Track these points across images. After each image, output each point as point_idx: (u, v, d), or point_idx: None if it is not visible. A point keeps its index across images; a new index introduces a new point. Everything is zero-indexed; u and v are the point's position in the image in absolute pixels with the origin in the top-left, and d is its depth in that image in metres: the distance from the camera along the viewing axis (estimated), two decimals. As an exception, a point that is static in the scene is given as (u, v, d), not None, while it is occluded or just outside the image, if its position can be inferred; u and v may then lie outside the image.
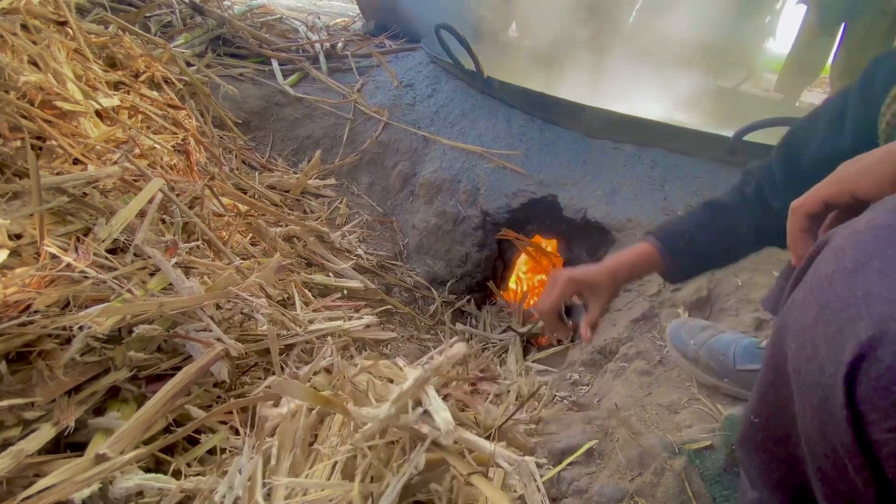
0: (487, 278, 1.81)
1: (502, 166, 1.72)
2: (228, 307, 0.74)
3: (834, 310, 0.28)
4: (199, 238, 0.91)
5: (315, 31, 2.54)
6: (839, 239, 0.31)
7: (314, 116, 1.93)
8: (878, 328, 0.25)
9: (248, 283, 0.76)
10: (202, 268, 0.85)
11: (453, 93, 1.96)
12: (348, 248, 1.52)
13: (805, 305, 0.31)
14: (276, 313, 0.79)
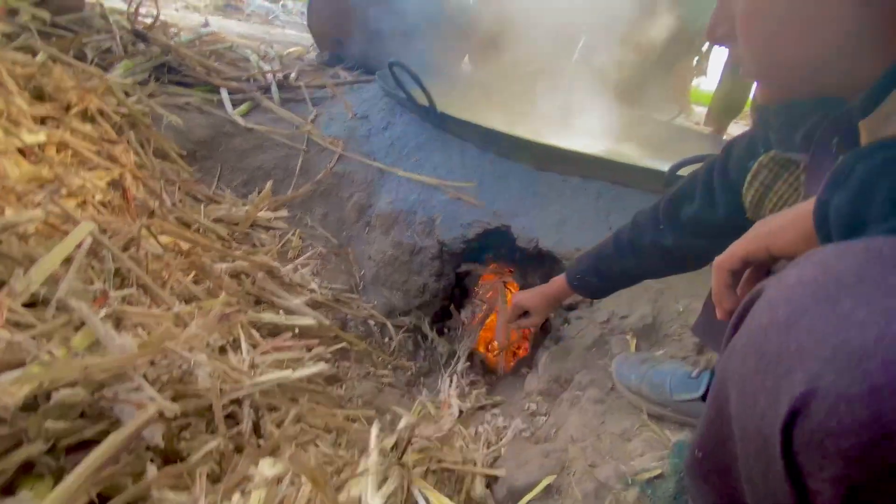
0: (445, 308, 1.81)
1: (457, 198, 1.75)
2: (165, 362, 0.69)
3: (770, 362, 0.30)
4: (134, 284, 0.86)
5: (267, 61, 2.52)
6: (772, 291, 0.34)
7: (265, 147, 1.89)
8: (811, 384, 0.27)
9: (186, 335, 0.72)
10: (137, 317, 0.79)
11: (408, 125, 1.98)
12: (301, 283, 1.48)
13: (744, 354, 0.33)
14: (219, 364, 0.75)
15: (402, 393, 1.35)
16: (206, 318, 0.82)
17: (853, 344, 0.26)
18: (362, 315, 1.51)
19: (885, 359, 0.24)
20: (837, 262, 0.31)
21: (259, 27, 4.74)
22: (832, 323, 0.28)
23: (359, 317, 1.49)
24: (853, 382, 0.25)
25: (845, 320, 0.27)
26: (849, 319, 0.27)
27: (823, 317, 0.28)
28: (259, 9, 5.93)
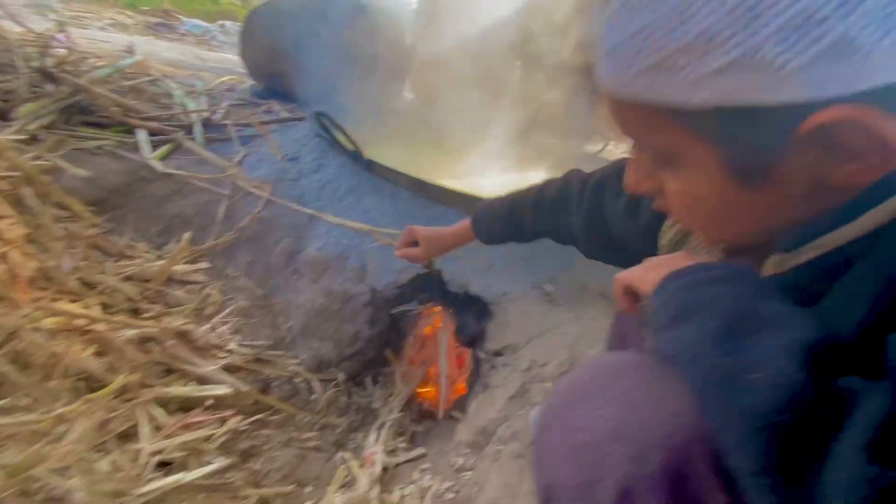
0: (381, 354, 1.79)
1: (389, 244, 1.74)
2: (37, 485, 0.64)
3: (534, 457, 0.40)
4: (10, 387, 0.78)
5: (193, 96, 2.42)
6: (566, 379, 0.40)
7: (186, 193, 1.81)
8: (550, 479, 0.36)
9: (61, 452, 0.66)
10: (10, 428, 0.72)
11: (340, 168, 1.96)
12: (218, 344, 1.41)
13: (533, 448, 0.41)
14: (99, 483, 0.69)
15: (329, 456, 1.31)
16: (92, 419, 0.76)
17: (575, 446, 0.35)
18: (287, 373, 1.46)
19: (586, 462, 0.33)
20: (583, 375, 0.39)
21: (193, 50, 4.56)
22: (565, 429, 0.36)
23: (283, 375, 1.44)
24: (570, 476, 0.34)
25: (573, 429, 0.35)
26: (573, 427, 0.35)
27: (561, 423, 0.37)
28: (194, 28, 5.72)
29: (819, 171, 0.31)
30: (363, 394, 1.71)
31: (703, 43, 0.27)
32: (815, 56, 0.25)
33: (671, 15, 0.28)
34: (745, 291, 0.35)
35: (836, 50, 0.25)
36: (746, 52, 0.26)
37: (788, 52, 0.25)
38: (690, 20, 0.27)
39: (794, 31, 0.25)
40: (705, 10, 0.26)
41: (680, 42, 0.28)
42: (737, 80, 0.27)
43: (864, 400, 0.26)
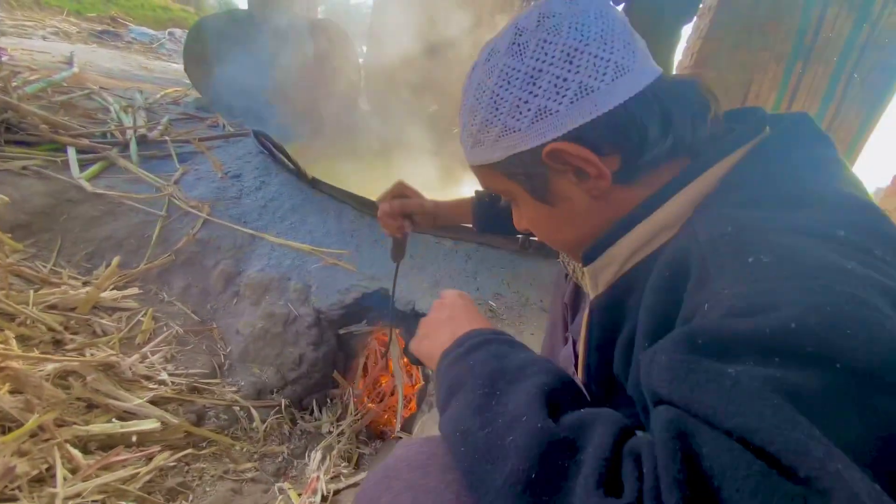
0: (327, 376, 1.75)
1: (333, 263, 1.72)
2: None
3: None
4: None
5: (131, 111, 2.33)
6: (379, 467, 0.43)
7: (118, 214, 1.73)
8: None
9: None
10: None
11: (283, 186, 1.93)
12: (149, 375, 1.35)
13: None
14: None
15: (267, 487, 1.27)
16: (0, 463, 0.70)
17: None
18: (225, 402, 1.41)
19: None
20: (393, 462, 0.42)
21: (138, 59, 4.38)
22: None
23: (220, 405, 1.39)
24: None
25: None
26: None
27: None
28: (141, 36, 5.50)
29: (580, 186, 0.45)
30: (309, 419, 1.67)
31: (483, 126, 0.46)
32: (530, 121, 0.43)
33: (468, 115, 0.47)
34: (499, 349, 0.44)
35: (540, 115, 0.42)
36: (501, 126, 0.44)
37: (518, 120, 0.43)
38: (475, 116, 0.46)
39: (517, 108, 0.43)
40: (479, 110, 0.45)
41: (475, 128, 0.47)
42: (505, 142, 0.45)
43: (594, 434, 0.29)
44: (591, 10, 0.42)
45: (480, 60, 0.46)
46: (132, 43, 5.41)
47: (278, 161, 1.94)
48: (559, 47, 0.41)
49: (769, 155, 0.41)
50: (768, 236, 0.31)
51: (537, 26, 0.42)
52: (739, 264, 0.30)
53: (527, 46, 0.42)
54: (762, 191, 0.38)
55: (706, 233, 0.35)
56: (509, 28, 0.44)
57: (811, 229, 0.32)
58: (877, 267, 0.29)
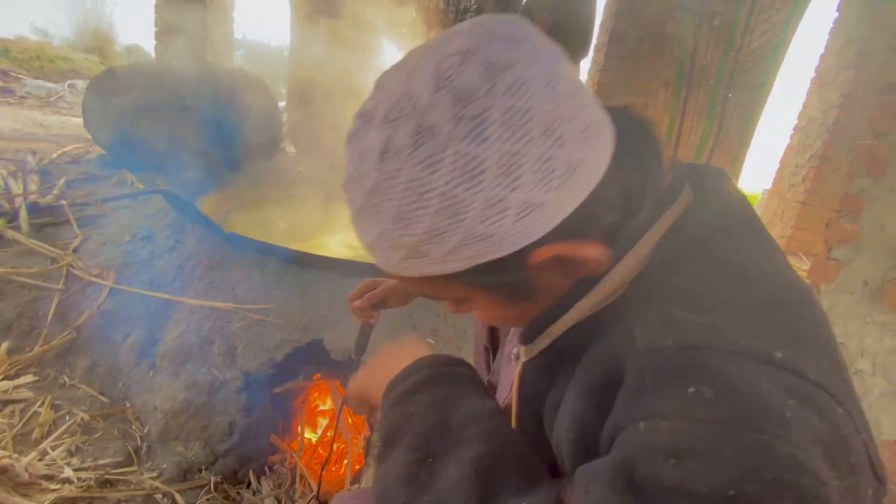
0: (263, 442, 1.64)
1: (260, 319, 1.64)
2: None
3: None
4: None
5: (22, 175, 2.12)
6: None
7: (5, 293, 1.55)
8: None
9: None
10: None
11: (200, 242, 1.82)
12: (49, 473, 1.19)
13: None
14: None
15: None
16: None
17: None
18: (143, 491, 1.27)
19: None
20: None
21: (33, 115, 4.04)
22: None
23: (137, 496, 1.25)
24: None
25: None
26: None
27: None
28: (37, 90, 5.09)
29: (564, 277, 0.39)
30: (247, 492, 1.54)
31: (430, 237, 0.33)
32: (511, 222, 0.32)
33: (395, 223, 0.33)
34: (443, 393, 0.41)
35: (523, 212, 0.32)
36: (465, 234, 0.32)
37: (493, 225, 0.32)
38: (411, 225, 0.33)
39: (487, 212, 0.31)
40: (416, 218, 0.32)
41: (414, 238, 0.33)
42: (469, 251, 0.33)
43: None
44: (541, 44, 0.32)
45: (397, 144, 0.32)
46: (26, 97, 4.99)
47: (192, 218, 1.84)
48: (534, 117, 0.30)
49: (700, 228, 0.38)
50: (710, 361, 0.30)
51: (490, 88, 0.30)
52: (680, 393, 0.29)
53: (486, 123, 0.30)
54: (699, 284, 0.35)
55: (645, 341, 0.33)
56: (434, 91, 0.30)
57: (751, 350, 0.31)
58: (810, 399, 0.29)
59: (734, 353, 0.30)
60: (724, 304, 0.33)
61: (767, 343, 0.31)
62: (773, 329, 0.32)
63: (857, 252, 1.14)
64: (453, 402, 0.41)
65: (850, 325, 1.14)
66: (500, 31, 0.32)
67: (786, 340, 0.31)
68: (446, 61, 0.31)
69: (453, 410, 0.40)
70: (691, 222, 0.38)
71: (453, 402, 0.41)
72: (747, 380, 0.29)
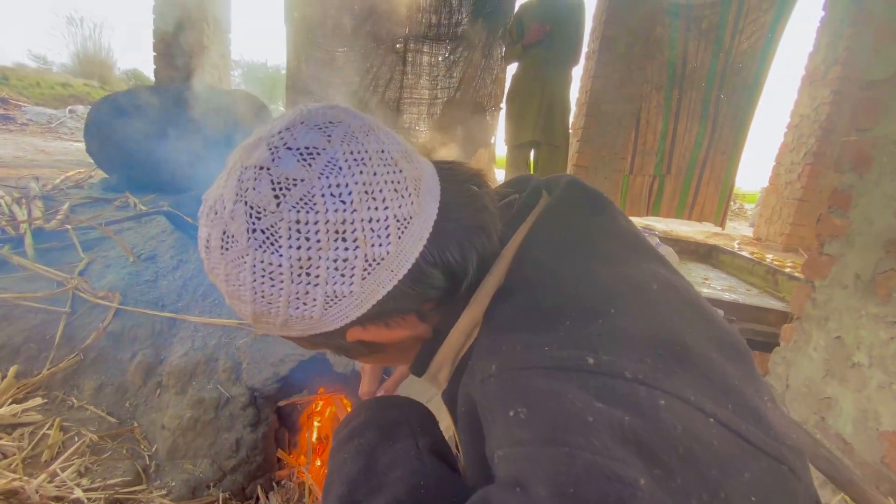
0: (271, 457, 1.65)
1: (263, 335, 1.66)
2: None
3: None
4: None
5: (25, 202, 2.16)
6: None
7: (12, 318, 1.57)
8: None
9: None
10: None
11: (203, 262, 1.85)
12: (60, 495, 1.20)
13: None
14: None
15: None
16: None
17: None
18: (153, 508, 1.28)
19: None
20: None
21: (35, 142, 4.10)
22: None
23: (147, 513, 1.26)
24: None
25: None
26: None
27: None
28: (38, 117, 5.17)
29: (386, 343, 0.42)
30: None
31: (259, 316, 0.37)
32: (322, 309, 0.36)
33: (231, 299, 0.38)
34: (373, 438, 0.43)
35: (329, 302, 0.35)
36: (285, 316, 0.36)
37: (304, 312, 0.36)
38: (241, 304, 0.37)
39: (294, 303, 0.35)
40: (242, 300, 0.36)
41: (247, 314, 0.37)
42: (298, 326, 0.37)
43: None
44: (339, 158, 0.34)
45: (213, 244, 0.35)
46: (27, 125, 5.07)
47: (195, 237, 1.87)
48: (322, 227, 0.33)
49: (540, 242, 0.41)
50: (524, 380, 0.31)
51: (279, 205, 0.33)
52: (504, 419, 0.30)
53: (277, 235, 0.33)
54: (526, 302, 0.37)
55: (479, 372, 0.35)
56: (235, 201, 0.34)
57: (562, 360, 0.31)
58: (624, 397, 0.29)
59: (546, 367, 0.31)
60: (546, 318, 0.35)
61: (581, 350, 0.32)
62: (590, 334, 0.33)
63: (847, 246, 1.15)
64: (383, 447, 0.42)
65: (845, 318, 1.15)
66: (300, 143, 0.34)
67: (602, 343, 0.32)
68: (246, 173, 0.34)
69: (381, 455, 0.41)
70: (533, 241, 0.41)
71: (383, 446, 0.42)
72: (554, 392, 0.29)
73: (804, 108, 3.66)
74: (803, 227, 3.64)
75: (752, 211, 6.09)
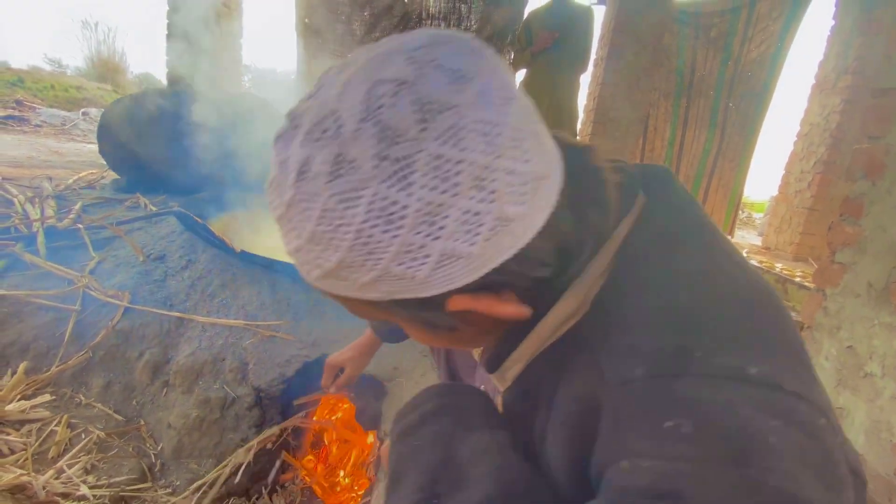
0: (275, 458, 1.65)
1: (270, 336, 1.66)
2: None
3: None
4: None
5: (38, 201, 2.19)
6: None
7: (23, 315, 1.59)
8: None
9: None
10: None
11: (212, 262, 1.87)
12: (66, 491, 1.21)
13: None
14: None
15: None
16: None
17: None
18: (157, 507, 1.28)
19: None
20: None
21: (48, 143, 4.17)
22: None
23: (152, 512, 1.26)
24: None
25: None
26: None
27: None
28: (52, 118, 5.25)
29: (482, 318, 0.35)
30: (259, 507, 1.54)
31: (345, 266, 0.30)
32: (431, 268, 0.29)
33: (312, 243, 0.31)
34: (450, 427, 0.40)
35: (443, 261, 0.29)
36: (380, 272, 0.30)
37: (409, 269, 0.30)
38: (326, 251, 0.30)
39: (405, 255, 0.29)
40: (331, 247, 0.30)
41: (330, 265, 0.31)
42: (387, 287, 0.31)
43: None
44: (491, 91, 0.28)
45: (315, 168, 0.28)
46: (41, 126, 5.15)
47: (204, 238, 1.89)
48: (465, 169, 0.27)
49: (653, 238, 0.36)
50: (683, 389, 0.28)
51: (422, 131, 0.27)
52: (657, 428, 0.27)
53: (411, 168, 0.27)
54: (659, 300, 0.33)
55: (614, 374, 0.31)
56: (362, 119, 0.27)
57: (723, 369, 0.29)
58: (792, 414, 0.27)
59: (706, 375, 0.28)
60: (688, 320, 0.31)
61: (739, 358, 0.29)
62: (742, 340, 0.30)
63: (860, 254, 1.14)
64: (460, 436, 0.39)
65: (858, 327, 1.14)
66: (448, 63, 0.28)
67: (757, 351, 0.30)
68: (380, 88, 0.28)
69: (459, 445, 0.38)
70: (644, 233, 0.37)
71: (460, 435, 0.39)
72: (724, 405, 0.27)
73: (814, 117, 3.65)
74: (813, 237, 3.61)
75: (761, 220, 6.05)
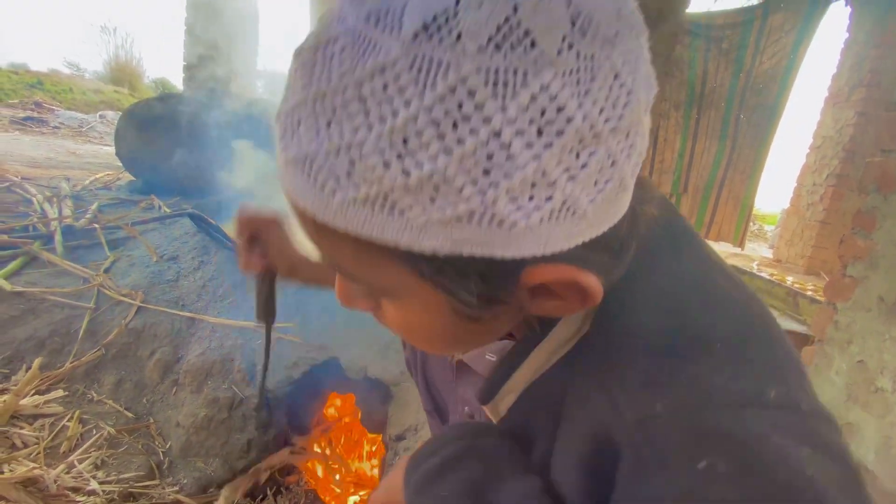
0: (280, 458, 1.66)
1: (279, 338, 1.68)
2: None
3: None
4: None
5: (56, 200, 2.24)
6: None
7: (39, 311, 1.62)
8: None
9: None
10: None
11: (224, 263, 1.89)
12: (76, 486, 1.23)
13: None
14: None
15: None
16: None
17: None
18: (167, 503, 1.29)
19: None
20: None
21: (66, 144, 4.26)
22: None
23: (159, 509, 1.28)
24: None
25: None
26: None
27: None
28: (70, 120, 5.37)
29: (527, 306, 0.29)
30: (265, 507, 1.55)
31: (431, 187, 0.22)
32: (541, 217, 0.23)
33: (385, 141, 0.21)
34: (479, 474, 0.35)
35: (560, 212, 0.23)
36: (479, 206, 0.22)
37: (519, 211, 0.22)
38: (413, 155, 0.21)
39: (527, 190, 0.22)
40: (432, 149, 0.21)
41: (400, 180, 0.21)
42: (466, 233, 0.23)
43: None
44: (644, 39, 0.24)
45: (464, 28, 0.20)
46: (59, 128, 5.27)
47: (217, 239, 1.92)
48: (633, 102, 0.22)
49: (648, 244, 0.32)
50: (710, 422, 0.26)
51: (616, 34, 0.22)
52: (690, 470, 0.25)
53: (593, 73, 0.21)
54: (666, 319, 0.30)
55: (632, 410, 0.28)
56: None
57: (743, 396, 0.27)
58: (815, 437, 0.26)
59: (728, 405, 0.26)
60: (698, 342, 0.28)
61: (756, 381, 0.27)
62: (754, 360, 0.28)
63: (871, 268, 1.13)
64: (491, 485, 0.34)
65: (869, 342, 1.13)
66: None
67: (769, 371, 0.28)
68: None
69: (490, 493, 0.34)
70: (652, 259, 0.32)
71: (491, 484, 0.34)
72: (755, 437, 0.25)
73: (827, 130, 3.62)
74: (825, 250, 3.57)
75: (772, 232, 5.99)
